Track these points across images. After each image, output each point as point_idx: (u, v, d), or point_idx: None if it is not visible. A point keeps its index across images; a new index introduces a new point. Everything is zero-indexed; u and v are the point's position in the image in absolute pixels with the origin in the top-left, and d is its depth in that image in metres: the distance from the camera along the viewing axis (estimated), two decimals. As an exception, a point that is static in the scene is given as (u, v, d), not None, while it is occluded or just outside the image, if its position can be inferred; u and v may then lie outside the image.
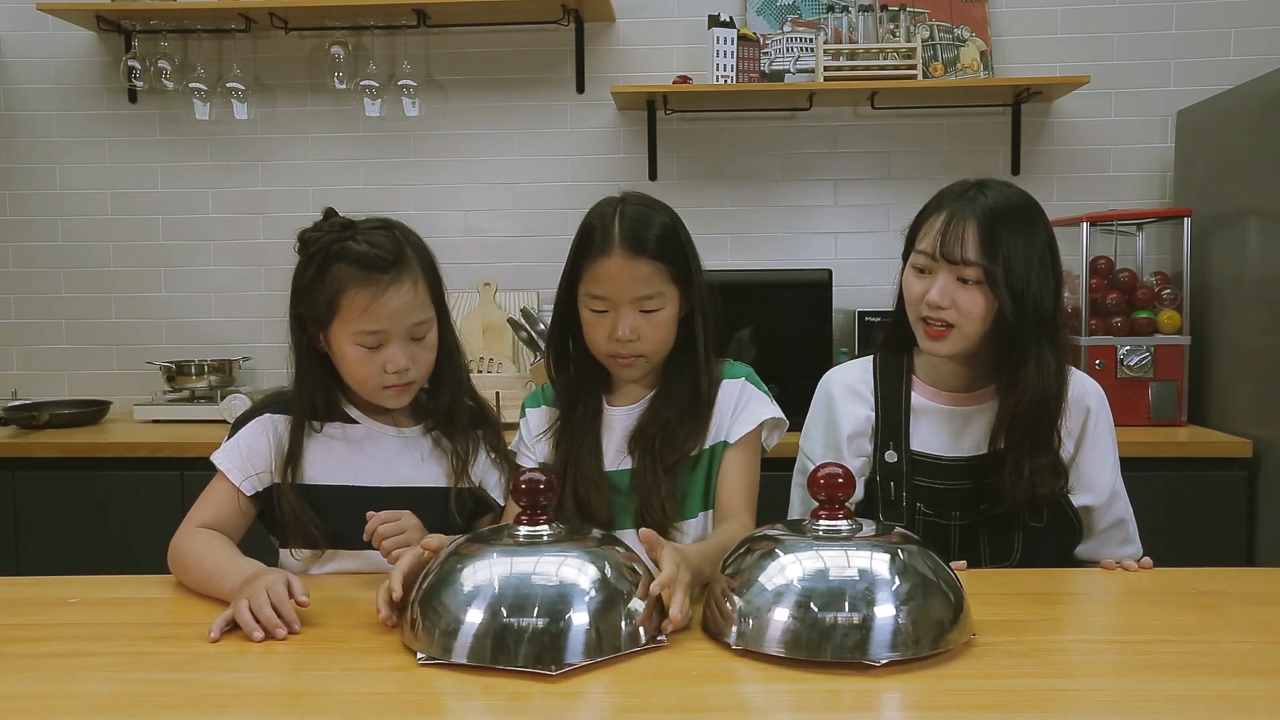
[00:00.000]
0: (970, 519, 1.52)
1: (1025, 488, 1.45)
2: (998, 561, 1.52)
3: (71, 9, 2.85)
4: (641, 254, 1.43)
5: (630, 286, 1.43)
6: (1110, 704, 0.96)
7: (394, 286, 1.40)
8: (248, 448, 1.47)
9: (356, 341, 1.40)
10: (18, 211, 3.10)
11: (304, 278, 1.42)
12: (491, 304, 2.93)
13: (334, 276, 1.39)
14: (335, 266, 1.39)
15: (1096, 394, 1.56)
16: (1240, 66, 2.86)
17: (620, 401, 1.55)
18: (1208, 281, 2.65)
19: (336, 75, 2.94)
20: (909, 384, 1.57)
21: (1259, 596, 1.29)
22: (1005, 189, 1.47)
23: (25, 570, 2.49)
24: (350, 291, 1.38)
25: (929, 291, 1.45)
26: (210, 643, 1.13)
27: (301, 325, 1.45)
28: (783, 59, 2.85)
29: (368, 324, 1.39)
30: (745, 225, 3.03)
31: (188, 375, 2.86)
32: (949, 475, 1.52)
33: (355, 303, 1.38)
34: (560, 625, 1.02)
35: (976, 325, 1.44)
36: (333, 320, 1.40)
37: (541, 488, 1.13)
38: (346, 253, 1.39)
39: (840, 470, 1.14)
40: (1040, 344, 1.43)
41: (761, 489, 1.55)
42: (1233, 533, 2.40)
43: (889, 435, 1.55)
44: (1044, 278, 1.43)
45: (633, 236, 1.43)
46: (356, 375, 1.43)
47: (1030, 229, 1.44)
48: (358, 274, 1.38)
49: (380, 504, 1.42)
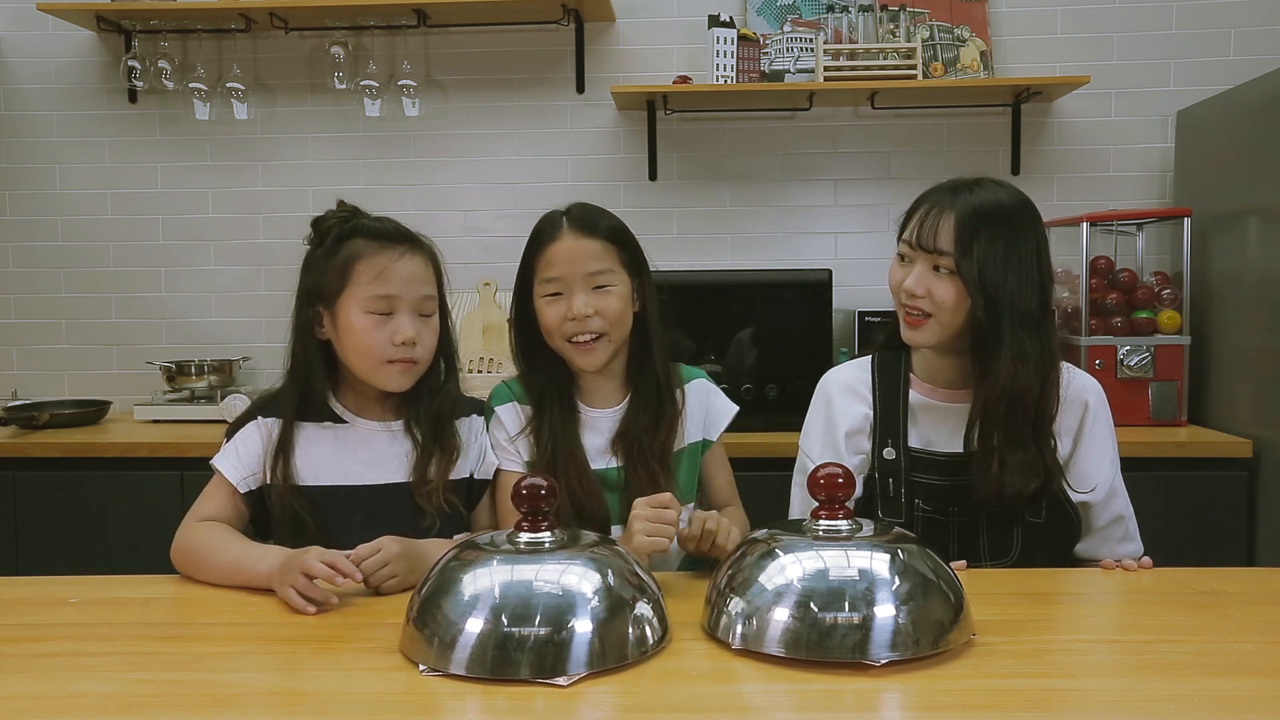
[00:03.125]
0: (968, 515, 1.52)
1: (993, 482, 1.44)
2: (997, 557, 1.53)
3: (71, 9, 2.85)
4: (592, 234, 1.52)
5: (582, 262, 1.50)
6: (1110, 704, 0.96)
7: (407, 256, 1.47)
8: (243, 449, 1.49)
9: (367, 309, 1.43)
10: (18, 211, 3.10)
11: (316, 253, 1.47)
12: (491, 304, 2.93)
13: (348, 248, 1.44)
14: (350, 240, 1.45)
15: (1095, 391, 1.56)
16: (1240, 66, 2.86)
17: (597, 404, 1.59)
18: (1208, 281, 2.65)
19: (336, 75, 2.94)
20: (907, 381, 1.58)
21: (1259, 596, 1.30)
22: (996, 188, 1.48)
23: (25, 570, 2.49)
24: (365, 258, 1.44)
25: (906, 279, 1.49)
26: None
27: (309, 302, 1.47)
28: (783, 59, 2.85)
29: (380, 288, 1.43)
30: (745, 225, 3.03)
31: (188, 375, 2.86)
32: (945, 471, 1.53)
33: (369, 268, 1.43)
34: (564, 634, 1.01)
35: (950, 315, 1.46)
36: (344, 289, 1.43)
37: (543, 493, 1.12)
38: (361, 228, 1.47)
39: (840, 470, 1.14)
40: (1018, 339, 1.42)
41: (760, 489, 1.56)
42: (1233, 533, 2.40)
43: (887, 432, 1.56)
44: (1025, 276, 1.43)
45: (581, 220, 1.53)
46: (363, 346, 1.43)
47: (1013, 228, 1.45)
48: (372, 244, 1.45)
49: (373, 502, 1.42)
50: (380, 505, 1.46)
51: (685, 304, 2.61)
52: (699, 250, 3.02)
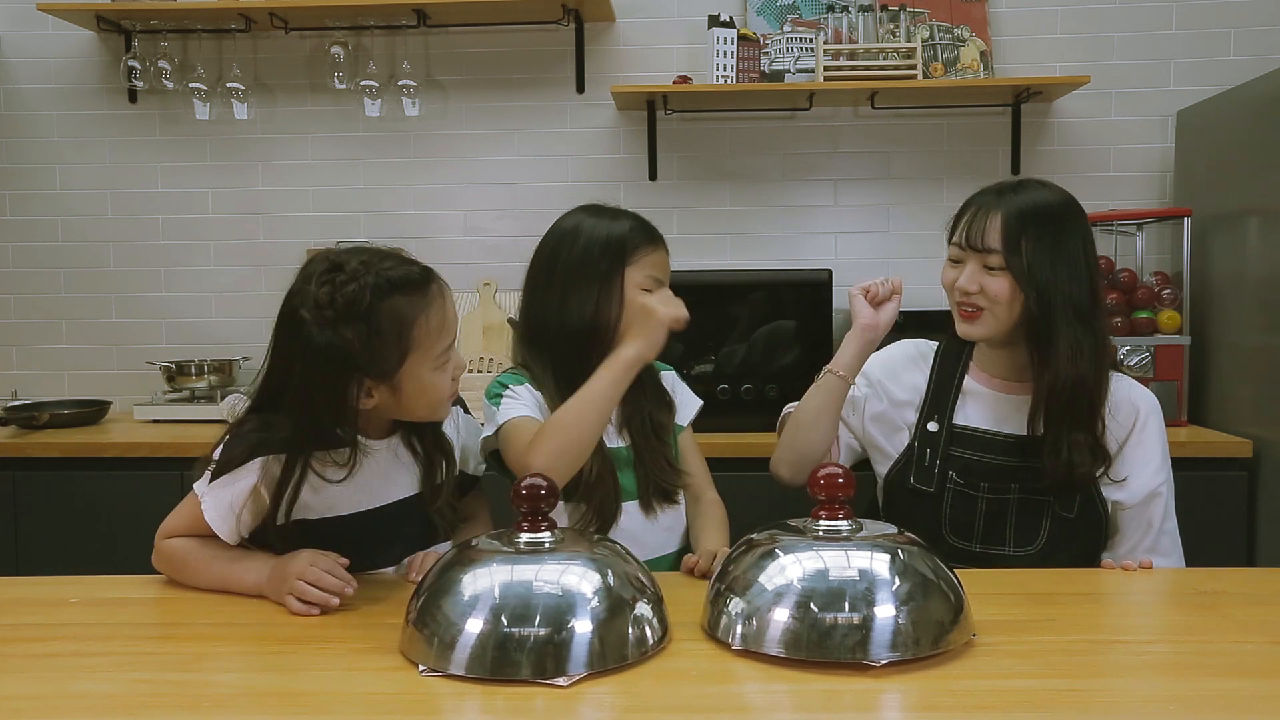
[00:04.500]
0: (998, 494, 1.56)
1: (1064, 466, 1.51)
2: (1022, 546, 1.56)
3: (71, 9, 2.85)
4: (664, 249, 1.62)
5: (667, 275, 1.60)
6: (1110, 704, 0.96)
7: (440, 290, 1.35)
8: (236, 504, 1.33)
9: (437, 365, 1.33)
10: (18, 211, 3.10)
11: (352, 328, 1.26)
12: (491, 304, 2.93)
13: (391, 312, 1.27)
14: (388, 301, 1.28)
15: (1148, 399, 1.61)
16: (1240, 66, 2.86)
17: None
18: (1208, 281, 2.65)
19: (336, 75, 2.94)
20: (965, 369, 1.65)
21: (1259, 596, 1.30)
22: (1040, 188, 1.56)
23: (25, 570, 2.49)
24: (419, 320, 1.29)
25: (959, 279, 1.55)
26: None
27: (340, 375, 1.27)
28: (783, 59, 2.85)
29: (444, 339, 1.33)
30: (745, 225, 3.03)
31: (188, 375, 2.86)
32: (986, 448, 1.58)
33: (427, 327, 1.30)
34: (564, 635, 1.01)
35: (1004, 309, 1.52)
36: (406, 357, 1.29)
37: (543, 493, 1.11)
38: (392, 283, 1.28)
39: (840, 470, 1.14)
40: (1073, 330, 1.50)
41: (760, 489, 1.57)
42: (1233, 533, 2.40)
43: (935, 409, 1.63)
44: (1074, 270, 1.51)
45: (661, 238, 1.61)
46: (437, 398, 1.35)
47: (1059, 224, 1.52)
48: (414, 299, 1.30)
49: (385, 522, 1.41)
50: (392, 523, 1.44)
51: (685, 304, 2.60)
52: (699, 250, 3.02)
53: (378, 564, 1.43)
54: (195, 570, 1.34)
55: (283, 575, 1.24)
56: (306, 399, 1.29)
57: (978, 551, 1.57)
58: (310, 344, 1.26)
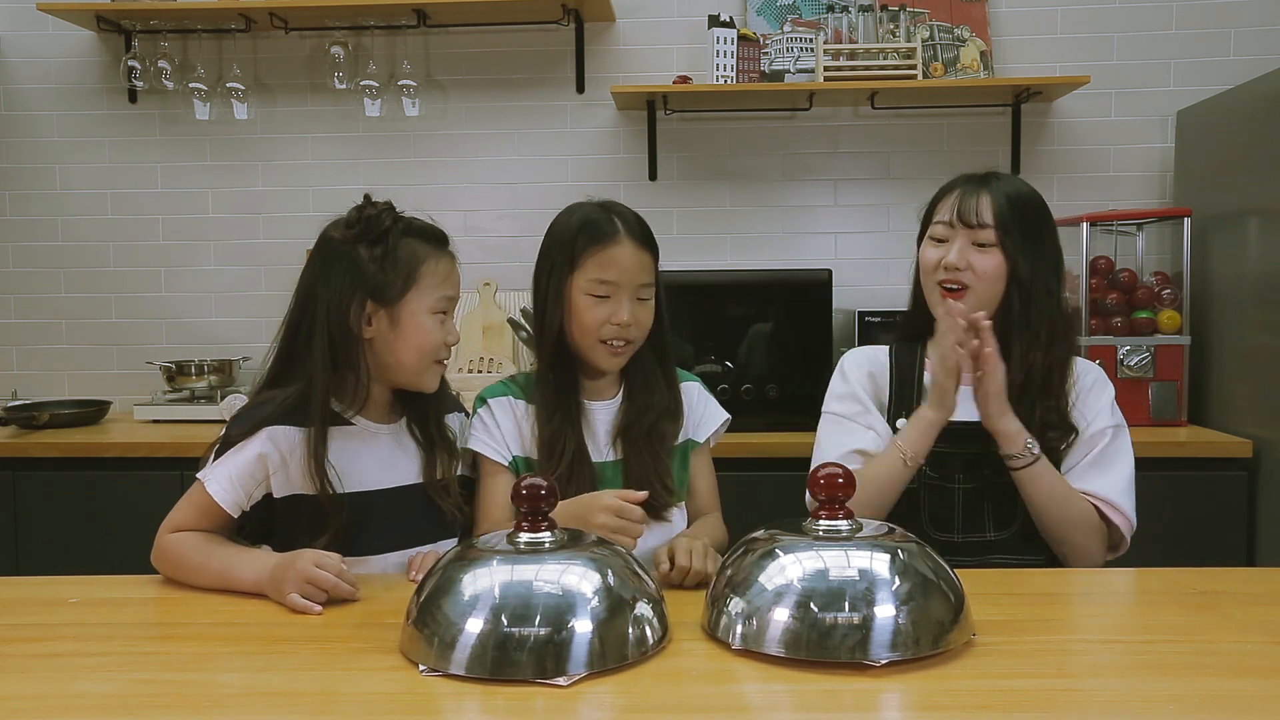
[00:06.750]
0: (973, 483, 1.59)
1: (1037, 431, 1.55)
2: (1001, 529, 1.58)
3: (71, 9, 2.85)
4: (645, 245, 1.53)
5: (636, 274, 1.50)
6: (1110, 704, 0.96)
7: (454, 260, 1.49)
8: (240, 474, 1.39)
9: (434, 309, 1.43)
10: (18, 211, 3.10)
11: (369, 251, 1.42)
12: (491, 304, 2.93)
13: (407, 249, 1.43)
14: (406, 241, 1.43)
15: (1093, 368, 1.68)
16: (1240, 66, 2.86)
17: (595, 397, 1.58)
18: (1208, 281, 2.65)
19: (336, 75, 2.94)
20: (921, 365, 1.66)
21: (1259, 596, 1.30)
22: (1016, 180, 1.64)
23: (25, 570, 2.49)
24: (429, 262, 1.43)
25: (946, 256, 1.58)
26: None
27: (352, 294, 1.40)
28: (783, 59, 2.85)
29: (447, 289, 1.45)
30: (745, 225, 3.03)
31: (188, 375, 2.86)
32: (955, 440, 1.58)
33: (434, 272, 1.44)
34: (564, 634, 1.01)
35: (990, 285, 1.57)
36: (408, 291, 1.41)
37: (543, 494, 1.11)
38: (414, 229, 1.46)
39: (840, 470, 1.14)
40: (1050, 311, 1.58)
41: (761, 489, 1.56)
42: (1233, 533, 2.40)
43: (900, 408, 1.65)
44: (1055, 258, 1.60)
45: (640, 233, 1.53)
46: (426, 346, 1.44)
47: (1041, 214, 1.60)
48: (429, 248, 1.45)
49: (381, 505, 1.41)
50: (398, 508, 1.44)
51: (685, 304, 2.61)
52: (699, 250, 3.02)
53: (370, 549, 1.42)
54: (194, 567, 1.34)
55: (284, 574, 1.24)
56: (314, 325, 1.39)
57: (959, 541, 1.59)
58: (330, 256, 1.42)
